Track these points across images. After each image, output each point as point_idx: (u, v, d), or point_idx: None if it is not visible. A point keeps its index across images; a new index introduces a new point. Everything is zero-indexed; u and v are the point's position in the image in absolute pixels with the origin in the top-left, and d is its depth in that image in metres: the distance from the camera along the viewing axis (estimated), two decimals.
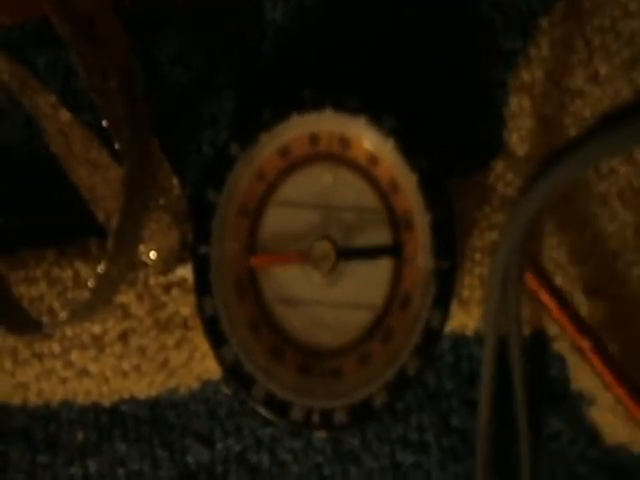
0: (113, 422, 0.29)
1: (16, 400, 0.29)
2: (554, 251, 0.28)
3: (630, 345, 0.28)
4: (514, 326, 0.27)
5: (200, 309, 0.26)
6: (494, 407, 0.27)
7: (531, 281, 0.27)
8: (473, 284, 0.28)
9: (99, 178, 0.25)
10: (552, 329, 0.28)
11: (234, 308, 0.27)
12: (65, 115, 0.26)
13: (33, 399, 0.29)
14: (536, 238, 0.28)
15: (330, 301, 0.27)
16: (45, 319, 0.28)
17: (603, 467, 0.28)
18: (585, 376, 0.28)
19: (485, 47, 0.29)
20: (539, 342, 0.28)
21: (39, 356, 0.29)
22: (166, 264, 0.26)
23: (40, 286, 0.28)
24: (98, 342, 0.29)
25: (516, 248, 0.26)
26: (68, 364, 0.29)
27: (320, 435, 0.29)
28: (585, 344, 0.26)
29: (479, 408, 0.27)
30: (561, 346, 0.28)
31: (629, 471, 0.28)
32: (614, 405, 0.27)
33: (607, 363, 0.26)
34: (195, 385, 0.29)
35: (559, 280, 0.28)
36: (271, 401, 0.26)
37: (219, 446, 0.29)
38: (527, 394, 0.27)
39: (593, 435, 0.28)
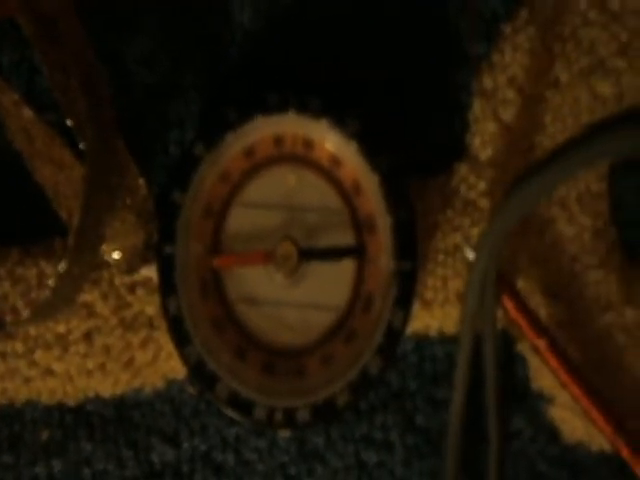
0: (78, 421, 0.29)
1: None
2: (515, 254, 0.28)
3: (587, 347, 0.28)
4: (489, 326, 0.27)
5: (164, 309, 0.26)
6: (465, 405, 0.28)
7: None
8: (436, 285, 0.28)
9: (62, 177, 0.25)
10: (515, 330, 0.29)
11: (198, 308, 0.27)
12: (28, 113, 0.26)
13: None
14: None
15: (293, 301, 0.27)
16: (8, 318, 0.28)
17: (562, 464, 0.29)
18: (545, 375, 0.28)
19: (450, 52, 0.29)
20: (504, 341, 0.29)
21: (2, 355, 0.29)
22: (130, 264, 0.26)
23: (4, 285, 0.28)
24: (62, 341, 0.29)
25: (495, 251, 0.26)
26: (32, 363, 0.29)
27: (284, 434, 0.29)
28: (541, 344, 0.27)
29: (451, 407, 0.27)
30: (523, 346, 0.29)
31: (587, 468, 0.28)
32: (572, 404, 0.27)
33: (563, 362, 0.27)
34: (160, 384, 0.29)
35: (519, 283, 0.28)
36: (235, 400, 0.26)
37: (185, 445, 0.29)
38: (498, 392, 0.27)
39: (553, 433, 0.28)
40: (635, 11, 0.27)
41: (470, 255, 0.27)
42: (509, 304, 0.27)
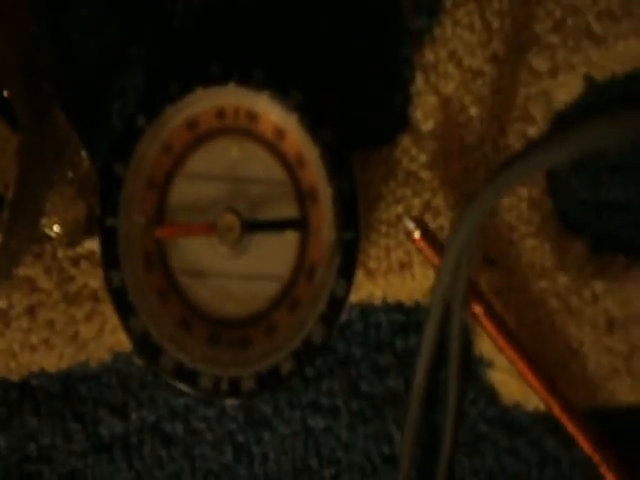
0: (23, 397, 0.29)
1: None
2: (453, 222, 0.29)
3: (523, 311, 0.29)
4: (458, 303, 0.27)
5: (108, 281, 0.26)
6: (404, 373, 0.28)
7: (425, 248, 0.28)
8: (379, 255, 0.29)
9: None
10: None
11: (142, 279, 0.27)
12: None
13: None
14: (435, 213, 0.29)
15: (237, 273, 0.27)
16: None
17: (501, 424, 0.30)
18: (484, 340, 0.29)
19: (393, 25, 0.29)
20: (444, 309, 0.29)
21: None
22: (71, 237, 0.26)
23: None
24: (4, 317, 0.28)
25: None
26: None
27: (231, 402, 0.29)
28: (478, 309, 0.28)
29: (416, 374, 0.28)
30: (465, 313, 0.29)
31: (524, 427, 0.30)
32: (510, 367, 0.29)
33: (499, 328, 0.28)
34: (107, 357, 0.29)
35: None
36: (180, 371, 0.26)
37: (133, 417, 0.29)
38: (460, 361, 0.28)
39: (492, 395, 0.29)
40: None
41: (410, 225, 0.28)
42: None
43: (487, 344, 0.29)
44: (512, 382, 0.29)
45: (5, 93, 0.24)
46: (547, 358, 0.29)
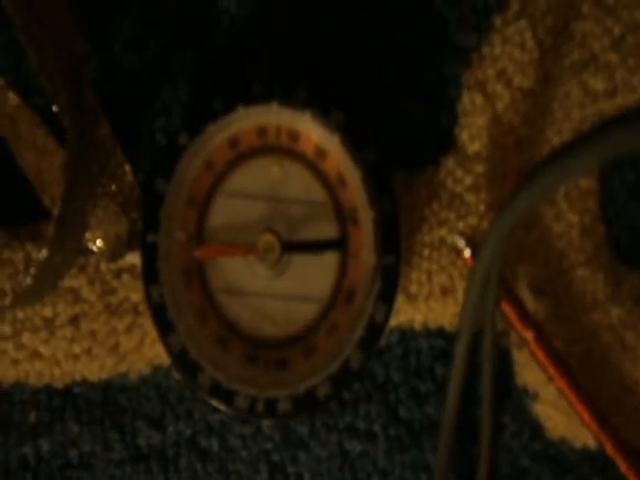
0: (65, 404, 0.29)
1: None
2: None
3: (573, 344, 0.28)
4: (489, 322, 0.27)
5: (148, 296, 0.27)
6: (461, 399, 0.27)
7: None
8: (421, 279, 0.28)
9: (46, 164, 0.25)
10: (500, 325, 0.28)
11: (181, 296, 0.27)
12: (13, 99, 0.26)
13: None
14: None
15: (276, 293, 0.27)
16: None
17: (545, 460, 0.29)
18: (530, 371, 0.28)
19: (439, 43, 0.29)
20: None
21: None
22: (113, 252, 0.26)
23: None
24: (49, 325, 0.29)
25: (500, 248, 0.26)
26: (19, 346, 0.29)
27: (267, 422, 0.29)
28: (529, 335, 0.27)
29: (447, 399, 0.27)
30: (507, 341, 0.28)
31: (570, 464, 0.28)
32: (556, 400, 0.27)
33: (550, 355, 0.27)
34: (146, 370, 0.29)
35: (506, 277, 0.28)
36: (217, 389, 0.26)
37: (170, 430, 0.29)
38: (494, 388, 0.27)
39: (536, 429, 0.28)
40: (629, 5, 0.27)
41: (460, 243, 0.27)
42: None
43: (532, 375, 0.28)
44: (559, 416, 0.28)
45: (54, 108, 0.24)
46: (598, 394, 0.27)
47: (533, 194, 0.23)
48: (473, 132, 0.28)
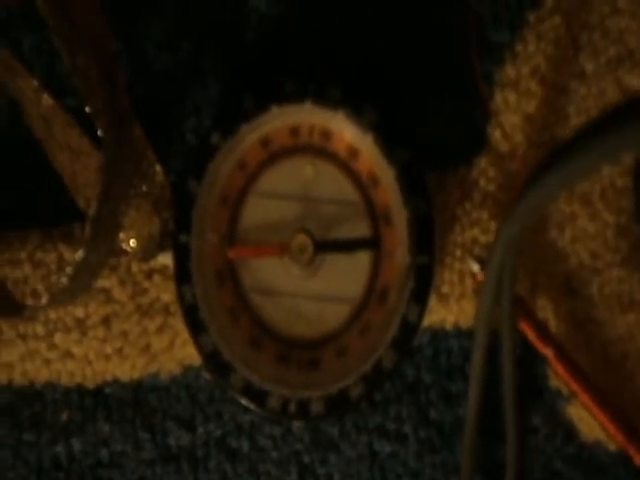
0: (97, 403, 0.30)
1: (2, 379, 0.29)
2: (534, 249, 0.28)
3: (607, 346, 0.28)
4: (506, 323, 0.26)
5: (180, 297, 0.27)
6: (482, 401, 0.27)
7: None
8: (453, 279, 0.28)
9: (80, 165, 0.25)
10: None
11: (214, 297, 0.27)
12: (47, 100, 0.26)
13: (18, 379, 0.29)
14: None
15: (308, 293, 0.27)
16: (29, 301, 0.28)
17: (578, 463, 0.28)
18: None
19: (472, 41, 0.28)
20: (522, 338, 0.28)
21: (23, 337, 0.29)
22: (146, 252, 0.27)
23: (24, 268, 0.29)
24: (81, 325, 0.29)
25: (512, 246, 0.25)
26: (52, 346, 0.29)
27: (298, 423, 0.29)
28: (549, 352, 0.26)
29: (469, 401, 0.27)
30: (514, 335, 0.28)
31: (604, 468, 0.28)
32: None
33: (571, 371, 0.26)
34: (177, 370, 0.29)
35: (540, 278, 0.28)
36: (249, 390, 0.26)
37: (200, 430, 0.29)
38: (515, 390, 0.27)
39: (570, 431, 0.28)
40: None
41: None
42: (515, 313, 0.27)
43: None
44: (593, 419, 0.27)
45: (87, 109, 0.24)
46: (633, 396, 0.27)
47: (538, 197, 0.23)
48: (506, 131, 0.28)
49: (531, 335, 0.27)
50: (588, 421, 0.28)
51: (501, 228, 0.24)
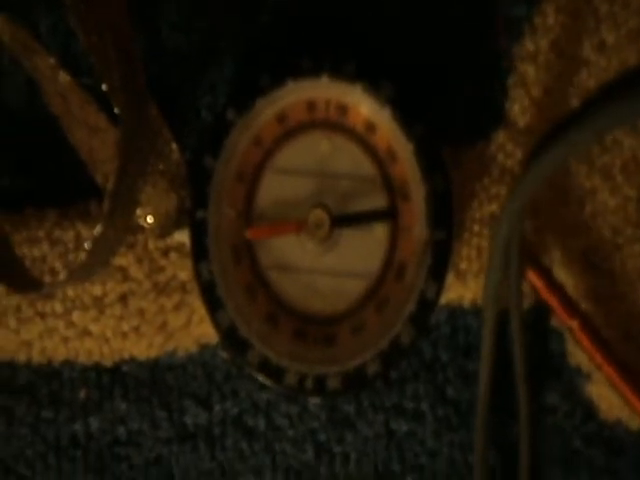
0: (114, 382, 0.30)
1: (21, 357, 0.30)
2: (553, 223, 0.28)
3: (629, 320, 0.27)
4: (514, 300, 0.26)
5: (197, 273, 0.27)
6: (494, 379, 0.27)
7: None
8: (471, 256, 0.28)
9: (97, 141, 0.25)
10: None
11: (231, 273, 0.27)
12: (64, 77, 0.26)
13: (37, 357, 0.30)
14: (532, 212, 0.28)
15: (325, 269, 0.27)
16: (47, 279, 0.28)
17: (598, 441, 0.28)
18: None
19: (490, 14, 0.28)
20: (539, 315, 0.28)
21: (42, 315, 0.29)
22: (163, 228, 0.27)
23: (42, 246, 0.29)
24: (98, 303, 0.29)
25: (518, 221, 0.25)
26: (70, 324, 0.29)
27: (314, 401, 0.29)
28: (574, 324, 0.26)
29: (480, 380, 0.27)
30: (560, 321, 0.28)
31: (624, 446, 0.28)
32: None
33: (596, 343, 0.26)
34: (193, 348, 0.29)
35: (558, 253, 0.28)
36: (266, 366, 0.26)
37: (216, 409, 0.29)
38: (527, 368, 0.27)
39: (589, 410, 0.28)
40: None
41: None
42: (539, 283, 0.27)
43: (585, 355, 0.27)
44: (613, 397, 0.27)
45: (103, 87, 0.24)
46: None
47: (542, 168, 0.23)
48: (525, 105, 0.27)
49: (556, 306, 0.26)
50: (608, 399, 0.28)
51: (507, 200, 0.24)
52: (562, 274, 0.27)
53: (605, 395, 0.28)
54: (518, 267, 0.26)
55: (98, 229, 0.24)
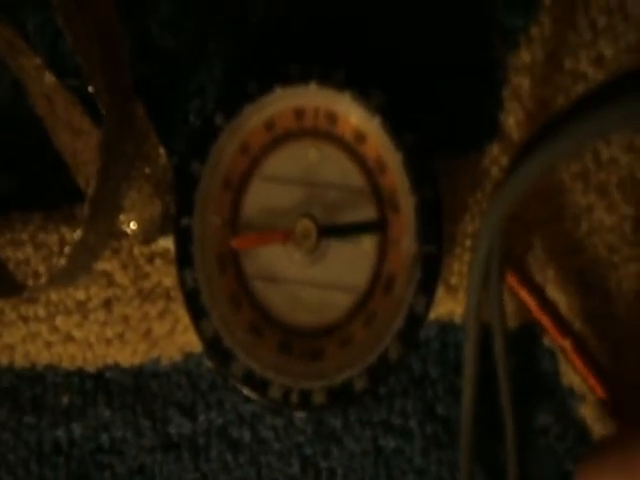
0: (97, 388, 0.29)
1: (3, 360, 0.29)
2: (548, 241, 0.27)
3: (623, 345, 0.26)
4: (496, 316, 0.26)
5: (181, 281, 0.26)
6: (479, 398, 0.27)
7: (511, 279, 0.26)
8: (462, 270, 0.27)
9: (81, 144, 0.25)
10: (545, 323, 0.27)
11: (215, 282, 0.26)
12: (49, 78, 0.26)
13: (19, 361, 0.29)
14: (526, 229, 0.27)
15: (312, 281, 0.26)
16: (30, 282, 0.28)
17: None
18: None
19: (485, 24, 0.27)
20: (529, 335, 0.27)
21: (25, 319, 0.29)
22: (147, 235, 0.26)
23: (26, 249, 0.28)
24: (82, 308, 0.29)
25: (498, 233, 0.25)
26: (53, 328, 0.29)
27: (299, 415, 0.28)
28: (567, 344, 0.26)
29: (463, 399, 0.27)
30: (552, 340, 0.27)
31: None
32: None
33: (589, 364, 0.25)
34: (178, 356, 0.29)
35: (552, 271, 0.27)
36: (250, 378, 0.26)
37: (201, 419, 0.29)
38: (512, 386, 0.26)
39: (582, 431, 0.27)
40: None
41: None
42: (531, 302, 0.26)
43: (579, 376, 0.27)
44: (607, 419, 0.26)
45: (89, 89, 0.24)
46: None
47: (522, 179, 0.22)
48: (519, 118, 0.27)
49: (548, 325, 0.26)
50: (602, 421, 0.27)
51: (487, 212, 0.23)
52: (556, 293, 0.27)
53: (599, 416, 0.27)
54: (498, 281, 0.25)
55: (78, 233, 0.23)
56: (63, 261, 0.24)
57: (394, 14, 0.28)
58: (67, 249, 0.24)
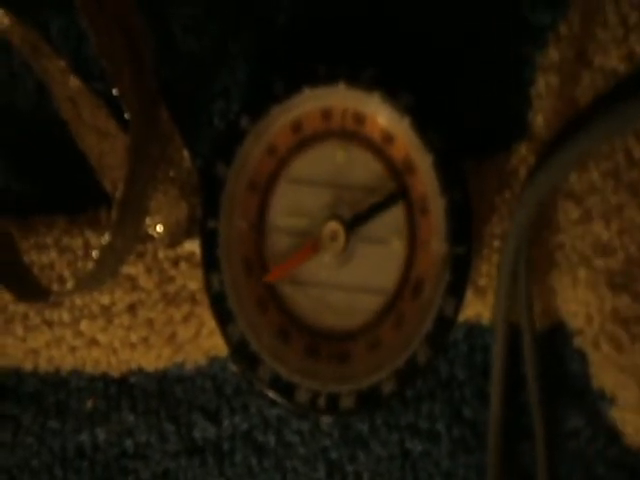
0: (122, 393, 0.29)
1: (27, 365, 0.29)
2: (578, 241, 0.27)
3: None
4: (525, 317, 0.25)
5: (207, 284, 0.26)
6: (507, 401, 0.26)
7: None
8: (490, 272, 0.27)
9: (107, 147, 0.25)
10: (573, 323, 0.27)
11: (242, 285, 0.26)
12: (74, 82, 0.26)
13: (44, 365, 0.29)
14: (557, 228, 0.27)
15: (340, 283, 0.26)
16: (55, 287, 0.28)
17: (622, 467, 0.27)
18: (607, 374, 0.27)
19: (512, 22, 0.27)
20: (559, 336, 0.27)
21: (49, 323, 0.29)
22: (173, 238, 0.26)
23: (50, 254, 0.28)
24: (107, 313, 0.29)
25: (526, 233, 0.24)
26: (77, 333, 0.29)
27: (326, 420, 0.28)
28: None
29: (491, 399, 0.26)
30: (582, 341, 0.27)
31: None
32: (637, 404, 0.26)
33: None
34: (202, 361, 0.29)
35: (582, 272, 0.26)
36: (277, 382, 0.25)
37: (225, 423, 0.29)
38: (541, 387, 0.26)
39: (613, 434, 0.27)
40: None
41: None
42: None
43: (610, 377, 0.26)
44: (639, 422, 0.26)
45: (114, 92, 0.24)
46: None
47: (546, 181, 0.21)
48: (548, 117, 0.26)
49: None
50: (634, 424, 0.26)
51: (514, 212, 0.23)
52: (587, 294, 0.26)
53: (630, 420, 0.27)
54: (526, 282, 0.25)
55: (106, 238, 0.23)
56: (90, 265, 0.23)
57: (422, 14, 0.28)
58: (94, 253, 0.23)
